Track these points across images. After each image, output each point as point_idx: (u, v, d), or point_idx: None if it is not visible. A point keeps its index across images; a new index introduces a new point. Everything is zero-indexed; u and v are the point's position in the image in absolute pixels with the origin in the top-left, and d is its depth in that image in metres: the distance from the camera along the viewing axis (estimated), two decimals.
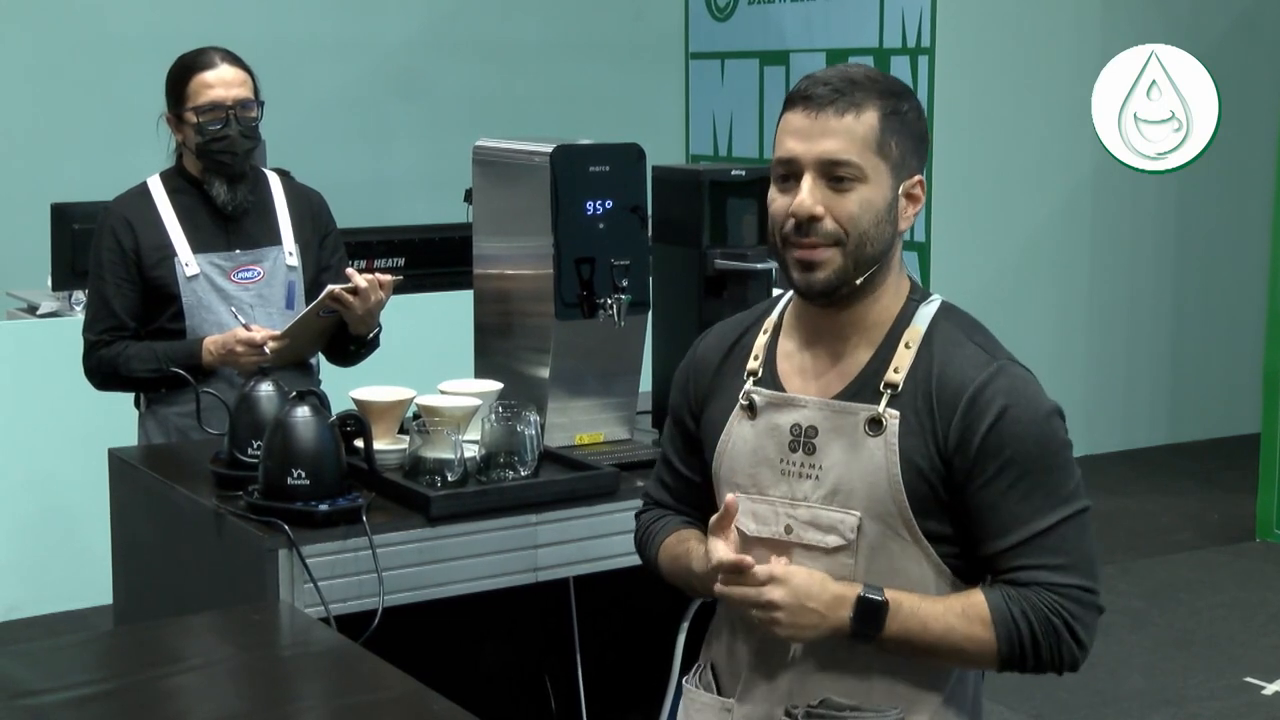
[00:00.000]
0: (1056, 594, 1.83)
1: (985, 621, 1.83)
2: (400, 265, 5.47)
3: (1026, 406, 1.84)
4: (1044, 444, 1.84)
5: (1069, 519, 1.84)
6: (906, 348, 1.88)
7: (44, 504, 5.03)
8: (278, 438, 2.57)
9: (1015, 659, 1.84)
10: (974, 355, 1.87)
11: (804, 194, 1.85)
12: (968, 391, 1.84)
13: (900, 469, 1.85)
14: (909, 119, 1.88)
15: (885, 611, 1.82)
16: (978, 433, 1.82)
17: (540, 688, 3.19)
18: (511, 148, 3.04)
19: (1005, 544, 1.84)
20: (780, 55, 7.27)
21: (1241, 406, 7.02)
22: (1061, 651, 1.84)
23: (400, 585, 2.57)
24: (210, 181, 3.27)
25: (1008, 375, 1.85)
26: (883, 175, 1.86)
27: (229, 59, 3.26)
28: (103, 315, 3.26)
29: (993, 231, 6.86)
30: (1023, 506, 1.83)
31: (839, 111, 1.85)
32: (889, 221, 1.87)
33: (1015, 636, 1.83)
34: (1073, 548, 1.84)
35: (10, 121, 6.45)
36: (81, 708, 2.03)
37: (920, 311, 1.91)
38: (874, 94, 1.86)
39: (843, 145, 1.84)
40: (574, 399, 2.98)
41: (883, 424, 1.86)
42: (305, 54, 6.89)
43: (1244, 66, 7.18)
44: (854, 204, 1.85)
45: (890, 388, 1.87)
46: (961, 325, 1.91)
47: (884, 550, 1.87)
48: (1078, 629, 1.84)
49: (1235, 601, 5.24)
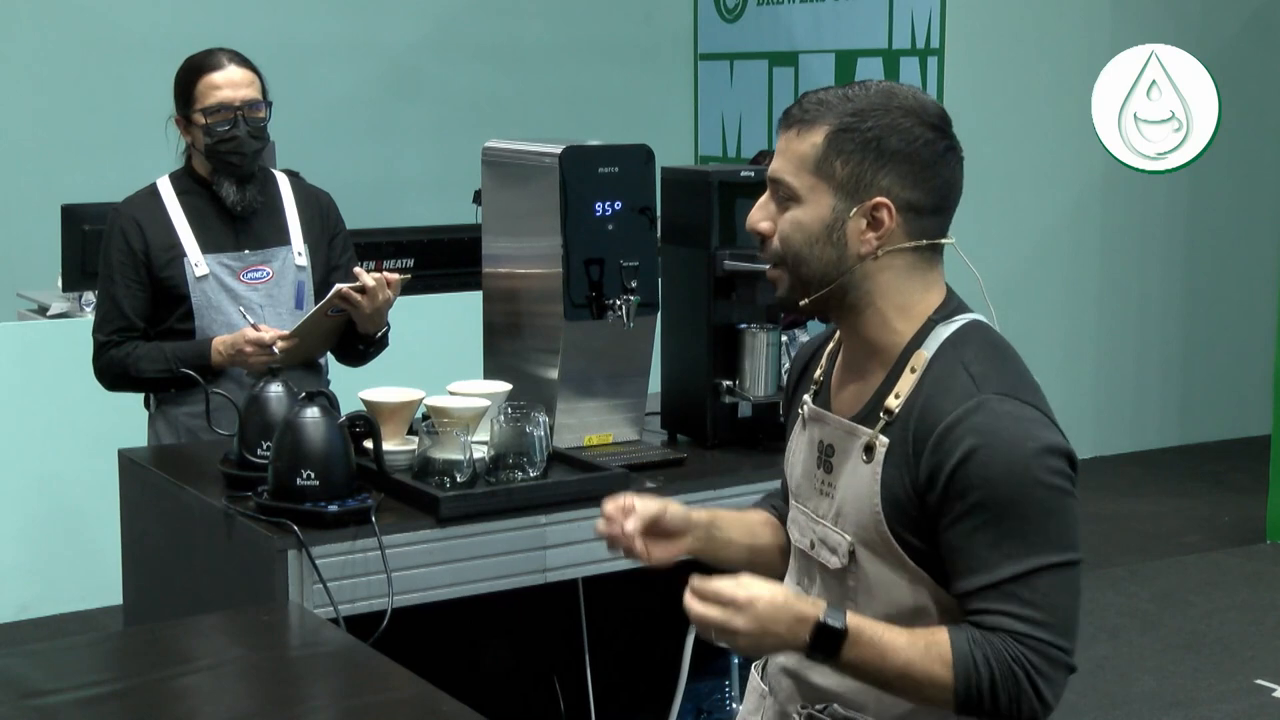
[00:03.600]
0: (1022, 644, 1.73)
1: (945, 661, 1.74)
2: (409, 266, 5.47)
3: (1001, 447, 1.72)
4: (1019, 488, 1.72)
5: (1045, 570, 1.73)
6: (911, 372, 1.81)
7: (54, 504, 5.03)
8: (287, 438, 2.57)
9: (972, 703, 1.75)
10: (960, 387, 1.77)
11: (754, 209, 1.87)
12: (940, 427, 1.75)
13: (881, 498, 1.80)
14: (873, 136, 1.78)
15: (843, 639, 1.74)
16: (943, 471, 1.74)
17: (549, 689, 3.19)
18: (521, 149, 3.04)
19: (972, 586, 1.75)
20: (789, 56, 7.27)
21: (1252, 408, 7.00)
22: (1021, 704, 1.74)
23: (409, 586, 2.57)
24: (219, 182, 3.27)
25: (986, 412, 1.74)
26: (821, 196, 1.80)
27: (237, 60, 3.26)
28: (112, 316, 3.26)
29: (1002, 233, 6.84)
30: (992, 551, 1.73)
31: (790, 129, 1.83)
32: (830, 244, 1.81)
33: (974, 680, 1.73)
34: (1046, 601, 1.73)
35: (20, 123, 6.46)
36: (91, 708, 2.04)
37: (935, 333, 1.83)
38: (833, 113, 1.80)
39: (781, 164, 1.83)
40: (583, 400, 2.98)
41: (874, 450, 1.81)
42: (315, 55, 6.90)
43: (1254, 68, 7.17)
44: (786, 224, 1.83)
45: (887, 414, 1.81)
46: (965, 352, 1.81)
47: (876, 577, 1.83)
48: (1040, 684, 1.74)
49: (1246, 604, 5.22)
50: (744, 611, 1.74)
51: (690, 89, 7.77)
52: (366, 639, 2.35)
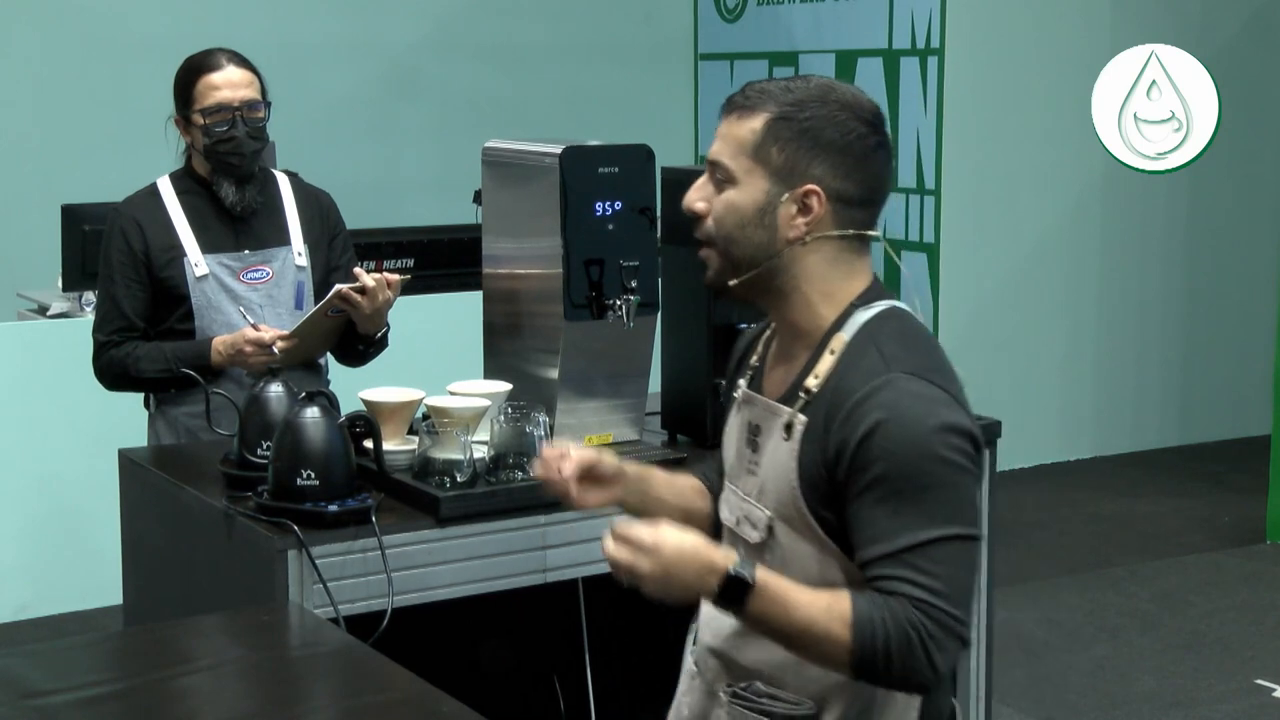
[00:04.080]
0: (918, 609, 1.77)
1: (845, 620, 1.78)
2: (409, 266, 5.47)
3: (905, 422, 1.79)
4: (920, 462, 1.79)
5: (942, 541, 1.79)
6: (830, 354, 1.88)
7: (54, 504, 5.03)
8: (287, 438, 2.57)
9: (867, 663, 1.79)
10: (870, 365, 1.84)
11: (691, 190, 1.94)
12: (849, 402, 1.82)
13: (798, 474, 1.86)
14: (809, 126, 1.86)
15: (750, 590, 1.79)
16: (850, 444, 1.81)
17: (549, 689, 3.19)
18: (521, 149, 3.04)
19: (873, 554, 1.81)
20: (789, 56, 7.27)
21: (1252, 408, 7.00)
22: (912, 668, 1.78)
23: (409, 586, 2.57)
24: (218, 183, 3.27)
25: (894, 389, 1.81)
26: (756, 180, 1.88)
27: (236, 60, 3.26)
28: (112, 316, 3.26)
29: (1002, 233, 6.85)
30: (893, 521, 1.79)
31: (731, 114, 1.91)
32: (762, 227, 1.88)
33: (871, 641, 1.77)
34: (942, 571, 1.78)
35: (21, 123, 6.46)
36: (91, 708, 2.04)
37: (854, 318, 1.90)
38: (775, 101, 1.88)
39: (720, 147, 1.91)
40: (583, 400, 2.98)
41: (793, 428, 1.88)
42: (315, 56, 6.90)
43: (1255, 69, 7.17)
44: (721, 205, 1.90)
45: (805, 393, 1.88)
46: (880, 335, 1.88)
47: (793, 550, 1.89)
48: (932, 649, 1.77)
49: (1246, 604, 5.23)
50: (651, 555, 1.79)
51: (690, 89, 7.77)
52: (366, 639, 2.35)
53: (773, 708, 1.93)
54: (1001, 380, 6.75)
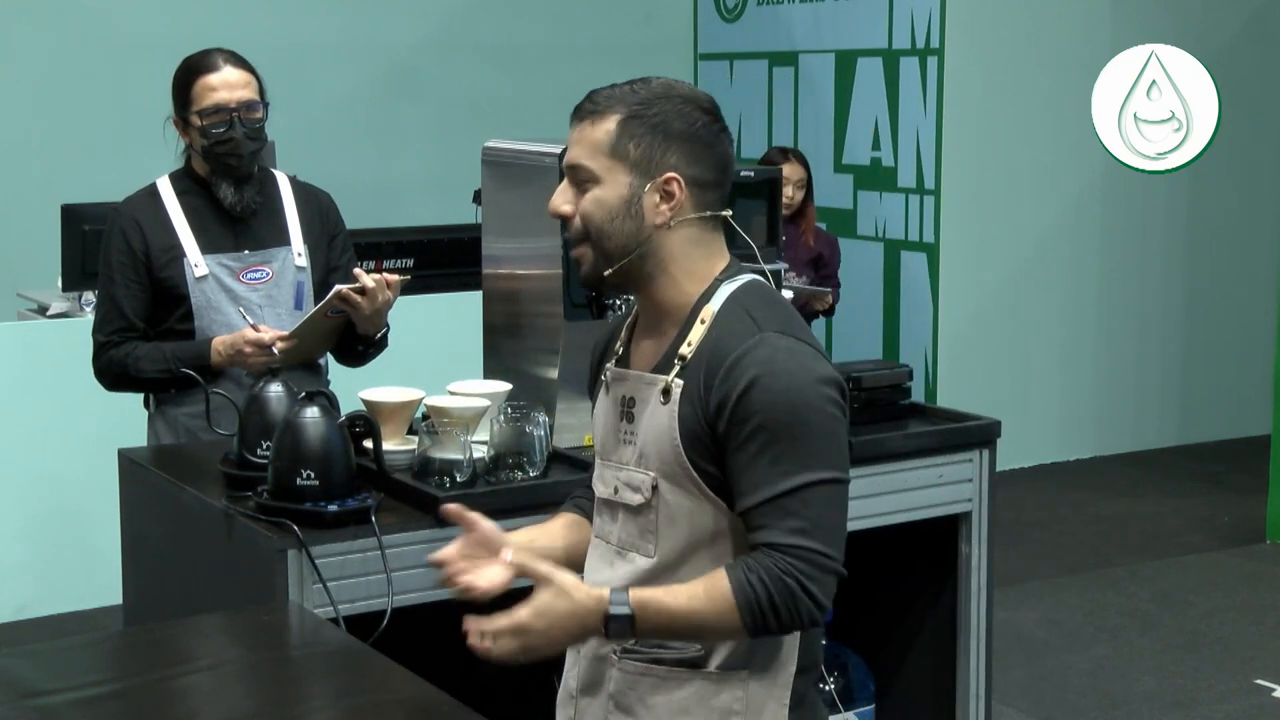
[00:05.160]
0: (788, 555, 1.92)
1: (726, 596, 1.93)
2: (409, 266, 5.48)
3: (780, 375, 1.93)
4: (796, 412, 1.93)
5: (814, 485, 1.93)
6: (701, 324, 2.02)
7: (54, 504, 5.03)
8: (287, 438, 2.57)
9: (759, 624, 1.94)
10: (743, 328, 1.98)
11: (554, 196, 2.06)
12: (727, 361, 1.96)
13: (679, 432, 1.99)
14: (659, 121, 2.01)
15: (632, 624, 1.93)
16: (730, 399, 1.95)
17: (549, 689, 3.19)
18: (521, 149, 3.04)
19: (749, 503, 1.95)
20: (789, 56, 7.27)
21: (1252, 408, 7.00)
22: (799, 609, 1.93)
23: (409, 586, 2.57)
24: (217, 183, 3.27)
25: (767, 346, 1.96)
26: (618, 175, 2.01)
27: (233, 60, 3.25)
28: (112, 316, 3.26)
29: (1002, 233, 6.85)
30: (769, 470, 1.93)
31: (582, 121, 2.05)
32: (630, 217, 2.01)
33: (754, 603, 1.92)
34: (812, 513, 1.93)
35: (21, 123, 6.46)
36: (91, 708, 2.04)
37: (720, 290, 2.04)
38: (623, 103, 2.02)
39: (579, 151, 2.04)
40: (583, 400, 2.97)
41: (670, 392, 2.01)
42: (315, 56, 6.90)
43: (1254, 69, 7.17)
44: (588, 203, 2.03)
45: (680, 360, 2.01)
46: (747, 301, 2.02)
47: (678, 507, 2.01)
48: (811, 587, 1.92)
49: (1245, 604, 5.23)
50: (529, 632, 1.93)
51: None
52: (366, 639, 2.35)
53: (662, 655, 2.05)
54: (1001, 380, 6.76)
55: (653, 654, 2.05)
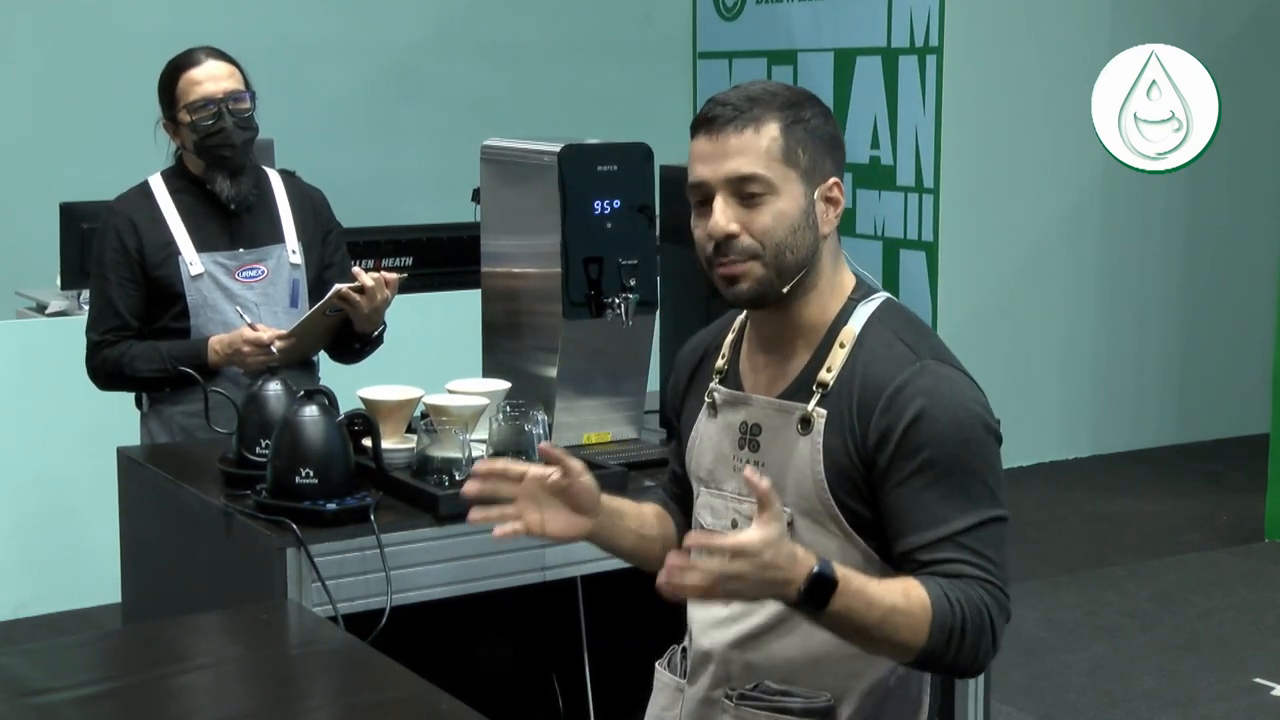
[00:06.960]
0: (984, 589, 1.81)
1: (924, 606, 1.78)
2: (408, 265, 5.47)
3: (946, 406, 1.84)
4: (966, 445, 1.84)
5: (988, 524, 1.84)
6: (841, 347, 1.91)
7: (52, 502, 5.03)
8: (286, 437, 2.57)
9: (939, 648, 1.79)
10: (899, 354, 1.88)
11: (716, 215, 1.88)
12: (887, 390, 1.85)
13: (824, 466, 1.87)
14: (814, 125, 1.90)
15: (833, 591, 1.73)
16: (895, 432, 1.83)
17: (548, 688, 3.19)
18: (520, 147, 3.04)
19: (923, 540, 1.82)
20: (788, 55, 7.27)
21: (1251, 407, 7.00)
22: (980, 645, 1.81)
23: (408, 584, 2.57)
24: (212, 178, 3.26)
25: (930, 375, 1.86)
26: (793, 184, 1.88)
27: (214, 54, 3.27)
28: (106, 315, 3.26)
29: (1001, 232, 6.85)
30: (942, 505, 1.82)
31: (739, 129, 1.88)
32: (807, 228, 1.89)
33: (948, 623, 1.78)
34: (991, 552, 1.83)
35: (19, 121, 6.45)
36: (89, 706, 2.03)
37: (858, 311, 1.93)
38: (773, 107, 1.89)
39: (747, 161, 1.87)
40: (582, 398, 2.98)
41: (811, 422, 1.89)
42: (313, 55, 6.90)
43: (1254, 68, 7.17)
44: (767, 217, 1.88)
45: (821, 387, 1.90)
46: (894, 324, 1.92)
47: (813, 543, 1.86)
48: (997, 627, 1.83)
49: (1244, 602, 5.23)
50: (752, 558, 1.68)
51: (689, 88, 7.77)
52: (365, 637, 2.35)
53: (788, 704, 1.92)
54: (1001, 379, 6.73)
55: (777, 702, 1.92)
